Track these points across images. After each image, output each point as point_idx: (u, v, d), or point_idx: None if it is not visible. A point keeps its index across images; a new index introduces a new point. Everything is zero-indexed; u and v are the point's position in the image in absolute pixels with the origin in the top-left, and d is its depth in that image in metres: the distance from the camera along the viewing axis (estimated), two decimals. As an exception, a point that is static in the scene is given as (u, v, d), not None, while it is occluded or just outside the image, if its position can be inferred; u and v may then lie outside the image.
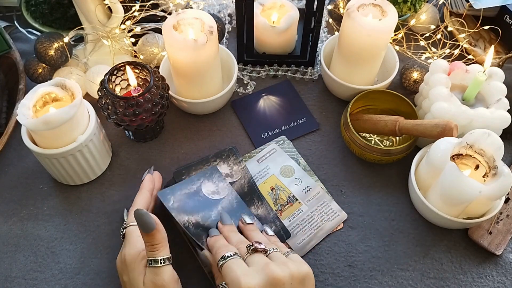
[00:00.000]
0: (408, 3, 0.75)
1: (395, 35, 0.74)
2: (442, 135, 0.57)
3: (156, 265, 0.46)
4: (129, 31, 0.71)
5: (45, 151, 0.56)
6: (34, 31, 0.80)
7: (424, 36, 0.75)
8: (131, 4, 0.69)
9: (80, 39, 0.75)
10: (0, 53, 0.71)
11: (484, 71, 0.60)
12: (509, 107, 0.61)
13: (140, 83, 0.62)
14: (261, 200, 0.59)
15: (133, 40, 0.72)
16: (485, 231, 0.59)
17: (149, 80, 0.59)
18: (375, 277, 0.57)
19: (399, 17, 0.77)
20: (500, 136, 0.56)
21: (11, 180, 0.64)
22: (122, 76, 0.62)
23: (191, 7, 0.76)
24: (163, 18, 0.73)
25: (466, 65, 0.65)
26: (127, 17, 0.69)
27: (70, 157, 0.57)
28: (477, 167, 0.57)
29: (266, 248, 0.47)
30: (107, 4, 0.66)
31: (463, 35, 0.74)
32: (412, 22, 0.76)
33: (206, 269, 0.55)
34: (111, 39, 0.69)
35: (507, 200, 0.62)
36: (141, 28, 0.72)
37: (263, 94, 0.74)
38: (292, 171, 0.64)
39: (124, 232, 0.51)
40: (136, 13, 0.69)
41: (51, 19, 0.78)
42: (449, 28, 0.76)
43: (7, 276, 0.56)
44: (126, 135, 0.68)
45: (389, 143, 0.68)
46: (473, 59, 0.73)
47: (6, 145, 0.65)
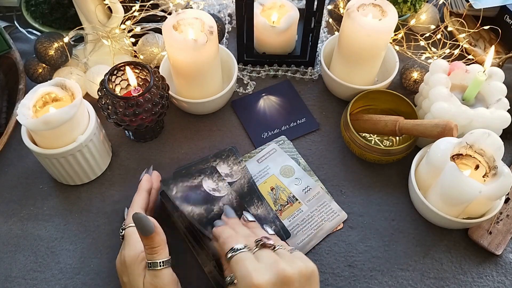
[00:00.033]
0: (408, 3, 0.75)
1: (395, 35, 0.74)
2: (442, 135, 0.57)
3: (156, 268, 0.46)
4: (129, 31, 0.71)
5: (45, 151, 0.56)
6: (34, 31, 0.80)
7: (424, 36, 0.75)
8: (131, 4, 0.69)
9: (80, 39, 0.75)
10: (0, 53, 0.71)
11: (484, 71, 0.60)
12: (509, 107, 0.61)
13: (140, 83, 0.62)
14: (261, 200, 0.59)
15: (133, 40, 0.72)
16: (485, 231, 0.59)
17: (149, 80, 0.59)
18: (375, 277, 0.57)
19: (399, 17, 0.77)
20: (500, 136, 0.56)
21: (11, 180, 0.64)
22: (122, 76, 0.62)
23: (191, 7, 0.76)
24: (163, 18, 0.73)
25: (466, 65, 0.65)
26: (127, 17, 0.69)
27: (70, 157, 0.57)
28: (477, 167, 0.57)
29: (274, 244, 0.46)
30: (107, 4, 0.66)
31: (463, 35, 0.74)
32: (412, 22, 0.76)
33: (206, 269, 0.55)
34: (111, 39, 0.69)
35: (507, 200, 0.62)
36: (141, 28, 0.72)
37: (263, 94, 0.74)
38: (292, 171, 0.64)
39: (124, 233, 0.51)
40: (136, 13, 0.69)
41: (51, 19, 0.78)
42: (449, 28, 0.76)
43: (7, 276, 0.56)
44: (126, 135, 0.68)
45: (389, 143, 0.68)
46: (473, 59, 0.73)
47: (6, 145, 0.65)
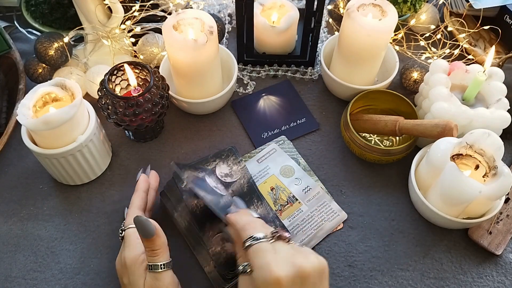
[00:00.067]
0: (408, 3, 0.75)
1: (395, 35, 0.74)
2: (442, 135, 0.57)
3: (156, 270, 0.46)
4: (129, 31, 0.71)
5: (45, 151, 0.56)
6: (34, 31, 0.80)
7: (424, 36, 0.75)
8: (131, 4, 0.69)
9: (80, 39, 0.75)
10: (0, 53, 0.71)
11: (484, 71, 0.60)
12: (509, 107, 0.61)
13: (140, 83, 0.62)
14: (261, 200, 0.59)
15: (133, 40, 0.72)
16: (485, 231, 0.59)
17: (149, 80, 0.59)
18: (375, 277, 0.57)
19: (399, 17, 0.77)
20: (500, 136, 0.56)
21: (11, 180, 0.64)
22: (122, 76, 0.62)
23: (191, 7, 0.76)
24: (163, 18, 0.73)
25: (466, 65, 0.65)
26: (127, 17, 0.69)
27: (70, 157, 0.57)
28: (477, 167, 0.57)
29: (290, 237, 0.45)
30: (107, 4, 0.66)
31: (463, 35, 0.74)
32: (412, 22, 0.76)
33: (206, 269, 0.55)
34: (111, 39, 0.69)
35: (507, 200, 0.62)
36: (141, 28, 0.72)
37: (263, 94, 0.74)
38: (292, 171, 0.64)
39: (124, 234, 0.51)
40: (136, 13, 0.69)
41: (51, 19, 0.78)
42: (449, 28, 0.76)
43: (7, 276, 0.56)
44: (126, 135, 0.68)
45: (389, 143, 0.68)
46: (473, 59, 0.73)
47: (6, 145, 0.65)
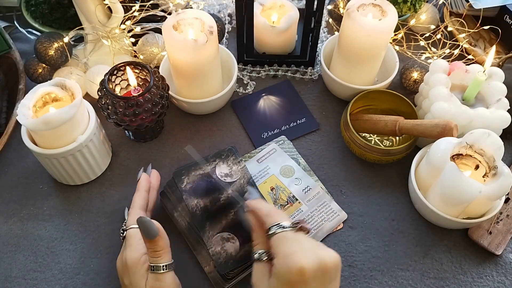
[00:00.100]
0: (408, 3, 0.75)
1: (395, 35, 0.74)
2: (442, 135, 0.57)
3: (159, 271, 0.46)
4: (129, 31, 0.71)
5: (45, 151, 0.56)
6: (34, 31, 0.79)
7: (424, 36, 0.75)
8: (131, 4, 0.69)
9: (80, 39, 0.75)
10: (0, 53, 0.71)
11: (484, 71, 0.60)
12: (509, 107, 0.61)
13: (140, 83, 0.62)
14: (261, 200, 0.59)
15: (133, 40, 0.72)
16: (485, 231, 0.59)
17: (149, 80, 0.59)
18: (375, 277, 0.57)
19: (399, 17, 0.77)
20: (500, 136, 0.56)
21: (11, 180, 0.64)
22: (122, 76, 0.62)
23: (191, 7, 0.76)
24: (163, 18, 0.73)
25: (466, 65, 0.65)
26: (127, 17, 0.69)
27: (70, 157, 0.57)
28: (477, 167, 0.57)
29: (310, 230, 0.45)
30: (107, 4, 0.66)
31: (463, 35, 0.74)
32: (412, 22, 0.76)
33: (206, 269, 0.55)
34: (111, 39, 0.69)
35: (507, 200, 0.62)
36: (141, 28, 0.72)
37: (263, 94, 0.74)
38: (292, 171, 0.64)
39: (125, 235, 0.51)
40: (136, 13, 0.69)
41: (51, 19, 0.78)
42: (449, 28, 0.76)
43: (7, 276, 0.56)
44: (126, 135, 0.68)
45: (389, 143, 0.68)
46: (473, 59, 0.73)
47: (6, 145, 0.65)
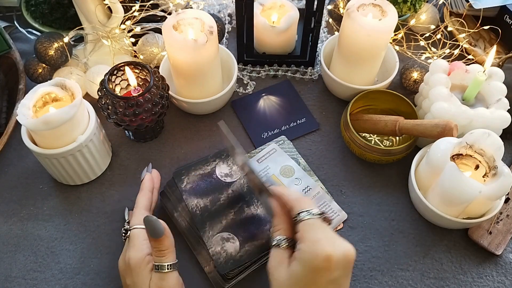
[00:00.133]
0: (408, 3, 0.75)
1: (395, 35, 0.74)
2: (442, 135, 0.57)
3: (163, 271, 0.46)
4: (129, 31, 0.71)
5: (45, 151, 0.56)
6: (34, 31, 0.79)
7: (424, 36, 0.75)
8: (131, 4, 0.69)
9: (80, 39, 0.75)
10: (0, 53, 0.71)
11: (484, 71, 0.60)
12: (509, 107, 0.61)
13: (140, 83, 0.62)
14: (261, 200, 0.59)
15: (133, 40, 0.72)
16: (485, 231, 0.59)
17: (149, 80, 0.59)
18: (375, 277, 0.57)
19: (399, 17, 0.77)
20: (500, 136, 0.56)
21: (11, 180, 0.64)
22: (122, 76, 0.62)
23: (191, 7, 0.76)
24: (163, 18, 0.73)
25: (466, 65, 0.65)
26: (127, 17, 0.69)
27: (70, 157, 0.57)
28: (477, 167, 0.57)
29: (331, 220, 0.45)
30: (107, 4, 0.66)
31: (463, 35, 0.74)
32: (412, 22, 0.76)
33: (206, 269, 0.55)
34: (111, 39, 0.69)
35: (507, 200, 0.62)
36: (141, 28, 0.72)
37: (263, 94, 0.74)
38: (292, 171, 0.64)
39: (129, 234, 0.51)
40: (136, 13, 0.69)
41: (51, 19, 0.78)
42: (449, 28, 0.76)
43: (7, 276, 0.56)
44: (126, 135, 0.68)
45: (389, 143, 0.68)
46: (473, 59, 0.73)
47: (6, 145, 0.65)
